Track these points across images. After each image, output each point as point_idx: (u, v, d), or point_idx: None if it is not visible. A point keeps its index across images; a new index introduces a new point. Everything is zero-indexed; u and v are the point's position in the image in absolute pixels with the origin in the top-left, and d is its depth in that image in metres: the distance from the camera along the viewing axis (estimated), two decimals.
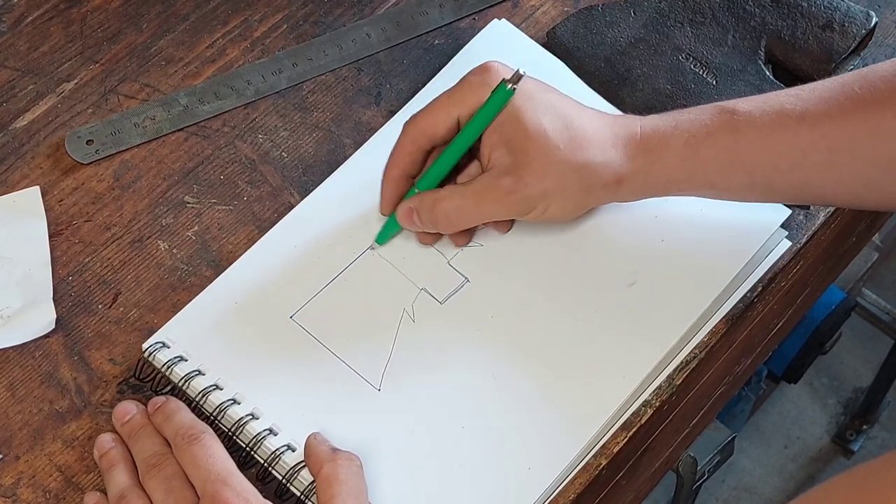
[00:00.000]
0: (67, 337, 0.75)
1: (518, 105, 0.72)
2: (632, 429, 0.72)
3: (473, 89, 0.73)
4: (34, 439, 0.72)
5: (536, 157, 0.71)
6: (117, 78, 0.85)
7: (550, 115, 0.72)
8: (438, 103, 0.74)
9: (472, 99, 0.72)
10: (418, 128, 0.74)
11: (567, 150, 0.71)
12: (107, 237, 0.79)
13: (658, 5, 0.85)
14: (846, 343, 1.52)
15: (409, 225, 0.75)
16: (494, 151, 0.72)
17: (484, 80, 0.72)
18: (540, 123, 0.71)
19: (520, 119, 0.71)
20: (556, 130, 0.71)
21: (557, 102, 0.73)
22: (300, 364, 0.73)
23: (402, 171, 0.75)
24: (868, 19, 0.83)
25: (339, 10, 0.89)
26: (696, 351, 0.75)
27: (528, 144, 0.71)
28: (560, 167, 0.71)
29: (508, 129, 0.72)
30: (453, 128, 0.73)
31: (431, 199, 0.74)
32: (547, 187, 0.71)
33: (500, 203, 0.72)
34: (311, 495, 0.68)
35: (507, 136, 0.72)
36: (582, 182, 0.71)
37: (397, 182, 0.75)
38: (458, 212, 0.73)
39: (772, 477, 1.64)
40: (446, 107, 0.73)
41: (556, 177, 0.71)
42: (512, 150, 0.71)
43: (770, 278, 0.77)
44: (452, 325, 0.74)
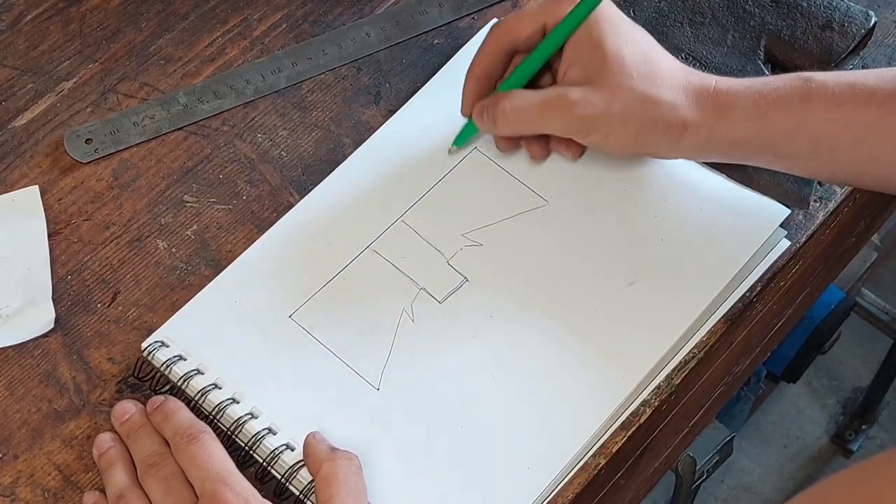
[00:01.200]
0: (66, 336, 0.75)
1: (602, 28, 0.73)
2: (631, 428, 0.72)
3: (563, 0, 0.74)
4: (33, 438, 0.72)
5: (608, 80, 0.72)
6: (116, 77, 0.85)
7: (631, 45, 0.73)
8: (527, 9, 0.76)
9: (560, 9, 0.74)
10: (503, 28, 0.76)
11: (639, 81, 0.72)
12: (106, 236, 0.79)
13: (657, 5, 0.85)
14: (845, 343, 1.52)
15: (481, 124, 0.77)
16: (571, 68, 0.74)
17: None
18: (620, 49, 0.72)
19: (601, 41, 0.73)
20: (634, 60, 0.72)
21: (640, 37, 0.74)
22: (299, 363, 0.73)
23: (484, 70, 0.77)
24: (867, 19, 0.83)
25: (339, 10, 0.89)
26: (696, 350, 0.75)
27: (604, 68, 0.72)
28: (629, 95, 0.72)
29: (588, 48, 0.73)
30: (537, 34, 0.75)
31: (498, 97, 0.75)
32: (612, 110, 0.72)
33: (563, 115, 0.74)
34: (310, 495, 0.68)
35: (585, 56, 0.73)
36: (647, 115, 0.72)
37: (478, 80, 0.77)
38: (520, 112, 0.75)
39: (771, 477, 1.64)
40: (534, 14, 0.75)
41: (622, 103, 0.72)
42: (587, 70, 0.73)
43: (769, 278, 0.77)
44: (452, 325, 0.74)
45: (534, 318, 0.74)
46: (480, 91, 0.77)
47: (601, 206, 0.78)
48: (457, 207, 0.78)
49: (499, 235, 0.77)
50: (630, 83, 0.72)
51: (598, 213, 0.78)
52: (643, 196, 0.78)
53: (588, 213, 0.78)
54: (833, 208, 0.80)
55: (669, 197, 0.78)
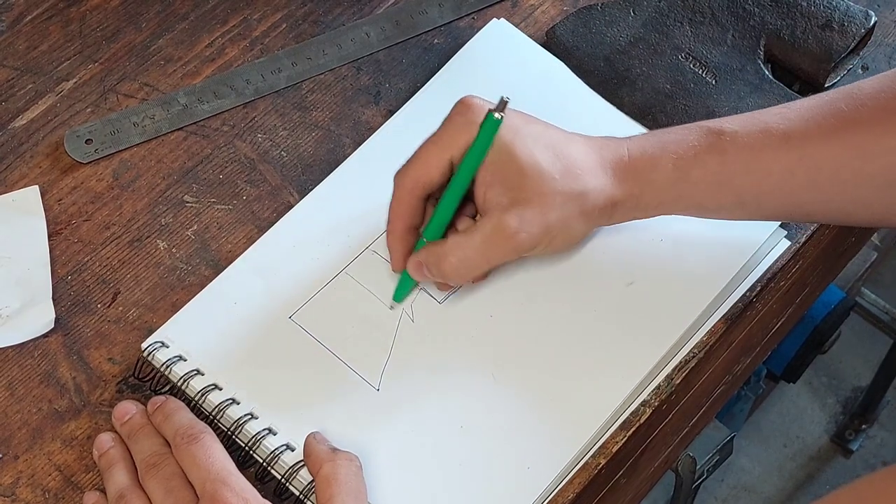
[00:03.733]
0: (66, 336, 0.75)
1: (507, 140, 0.70)
2: (631, 428, 0.72)
3: (460, 129, 0.71)
4: (33, 439, 0.72)
5: (534, 192, 0.69)
6: (116, 77, 0.85)
7: (540, 146, 0.70)
8: (426, 150, 0.72)
9: (461, 139, 0.71)
10: (411, 178, 0.72)
11: (562, 181, 0.70)
12: (106, 236, 0.79)
13: (657, 4, 0.85)
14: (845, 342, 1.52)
15: (422, 278, 0.73)
16: (489, 190, 0.71)
17: (469, 118, 0.71)
18: (532, 156, 0.70)
19: (511, 154, 0.70)
20: (549, 161, 0.70)
21: (544, 132, 0.72)
22: (299, 364, 0.73)
23: (405, 225, 0.73)
24: (867, 19, 0.83)
25: (339, 10, 0.89)
26: (695, 350, 0.75)
27: (523, 180, 0.70)
28: (560, 199, 0.70)
29: (501, 165, 0.70)
30: (447, 172, 0.72)
31: (437, 253, 0.72)
32: (550, 221, 0.70)
33: (506, 245, 0.71)
34: (310, 495, 0.68)
35: (500, 174, 0.70)
36: (581, 210, 0.70)
37: (402, 236, 0.73)
38: (466, 263, 0.71)
39: (771, 476, 1.64)
40: (436, 152, 0.71)
41: (557, 210, 0.70)
42: (508, 188, 0.70)
43: (769, 278, 0.77)
44: (451, 325, 0.74)
45: (534, 319, 0.74)
46: (408, 245, 0.73)
47: None
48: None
49: None
50: (554, 186, 0.69)
51: None
52: None
53: None
54: None
55: None
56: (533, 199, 0.70)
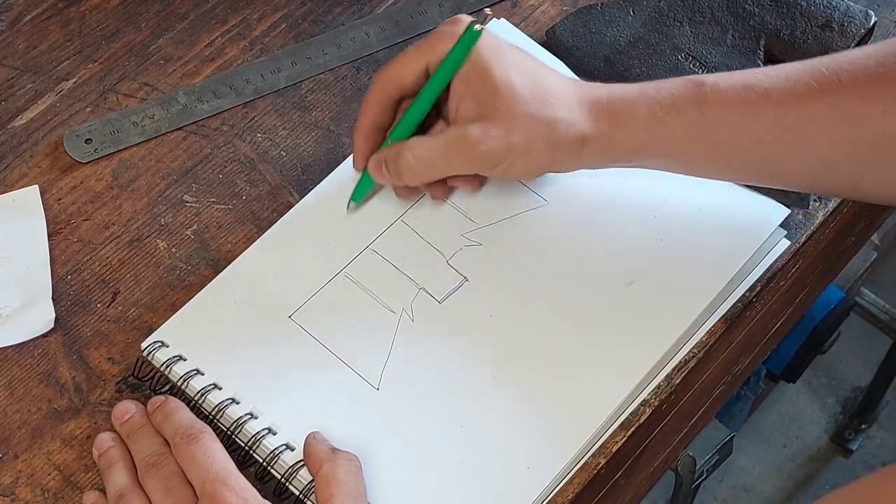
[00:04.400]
0: (66, 336, 0.75)
1: (486, 58, 0.71)
2: (630, 428, 0.72)
3: (442, 38, 0.73)
4: (33, 438, 0.72)
5: (504, 111, 0.71)
6: (116, 77, 0.85)
7: (518, 69, 0.72)
8: (407, 52, 0.74)
9: (440, 46, 0.72)
10: (386, 76, 0.74)
11: (534, 105, 0.71)
12: (105, 236, 0.79)
13: (657, 4, 0.85)
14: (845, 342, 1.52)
15: (379, 178, 0.75)
16: (462, 103, 0.72)
17: (453, 29, 0.73)
18: (508, 77, 0.71)
19: (488, 72, 0.71)
20: (524, 85, 0.71)
21: (525, 60, 0.73)
22: (299, 363, 0.73)
23: (373, 123, 0.75)
24: (867, 19, 0.83)
25: (339, 9, 0.89)
26: (695, 350, 0.75)
27: (495, 98, 0.71)
28: (526, 121, 0.71)
29: (476, 81, 0.72)
30: (421, 76, 0.73)
31: (396, 150, 0.73)
32: (513, 141, 0.71)
33: (466, 154, 0.72)
34: (309, 495, 0.68)
35: (474, 89, 0.72)
36: (548, 138, 0.71)
37: (368, 134, 0.75)
38: (424, 162, 0.73)
39: (770, 476, 1.64)
40: (415, 56, 0.73)
41: (522, 131, 0.71)
42: (479, 103, 0.71)
43: (769, 278, 0.77)
44: (451, 325, 0.74)
45: (533, 318, 0.74)
46: (372, 144, 0.75)
47: (601, 206, 0.78)
48: (456, 207, 0.78)
49: (499, 235, 0.77)
50: (525, 109, 0.71)
51: (598, 213, 0.78)
52: (643, 196, 0.78)
53: (588, 212, 0.78)
54: (833, 208, 0.80)
55: (669, 197, 0.78)
56: (501, 117, 0.71)
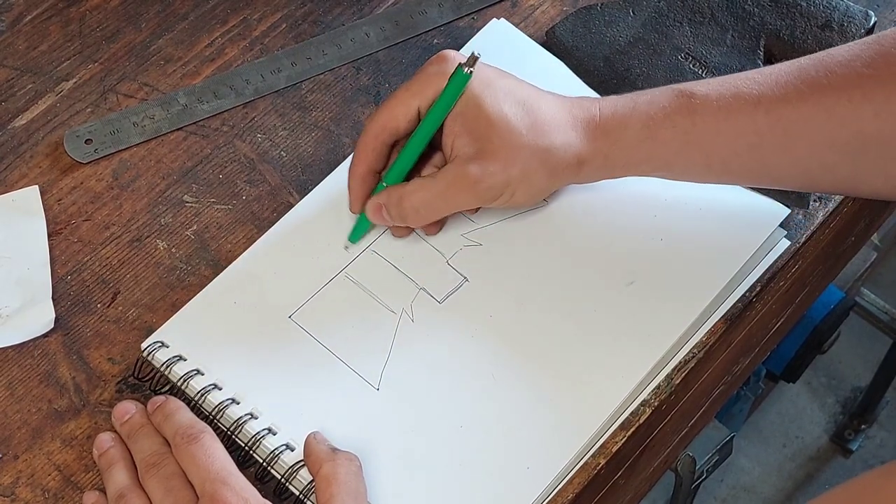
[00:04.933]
0: (66, 336, 0.75)
1: (477, 92, 0.72)
2: (630, 428, 0.72)
3: (431, 79, 0.73)
4: (33, 438, 0.72)
5: (500, 145, 0.71)
6: (116, 77, 0.85)
7: (510, 100, 0.72)
8: (396, 96, 0.74)
9: (430, 88, 0.73)
10: (379, 123, 0.74)
11: (529, 136, 0.71)
12: (105, 236, 0.79)
13: (657, 5, 0.85)
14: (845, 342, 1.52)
15: (379, 220, 0.75)
16: (457, 140, 0.73)
17: (441, 68, 0.73)
18: (501, 110, 0.71)
19: (480, 106, 0.72)
20: (518, 116, 0.71)
21: (516, 88, 0.73)
22: (299, 364, 0.73)
23: (368, 168, 0.75)
24: (867, 19, 0.83)
25: (339, 10, 0.89)
26: (695, 350, 0.75)
27: (490, 132, 0.71)
28: (524, 153, 0.71)
29: (470, 117, 0.72)
30: (414, 119, 0.73)
31: (398, 193, 0.74)
32: (512, 174, 0.72)
33: (467, 193, 0.73)
34: (310, 495, 0.68)
35: (469, 125, 0.72)
36: (545, 166, 0.72)
37: (364, 179, 0.75)
38: (426, 205, 0.73)
39: (770, 476, 1.64)
40: (405, 99, 0.73)
41: (520, 163, 0.71)
42: (475, 139, 0.72)
43: (769, 278, 0.77)
44: (451, 325, 0.74)
45: (533, 318, 0.74)
46: (367, 188, 0.75)
47: (601, 206, 0.78)
48: None
49: (499, 235, 0.77)
50: (521, 141, 0.71)
51: (598, 214, 0.78)
52: (643, 196, 0.78)
53: (588, 213, 0.78)
54: (832, 208, 0.80)
55: (669, 197, 0.78)
56: (498, 152, 0.71)
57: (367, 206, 0.75)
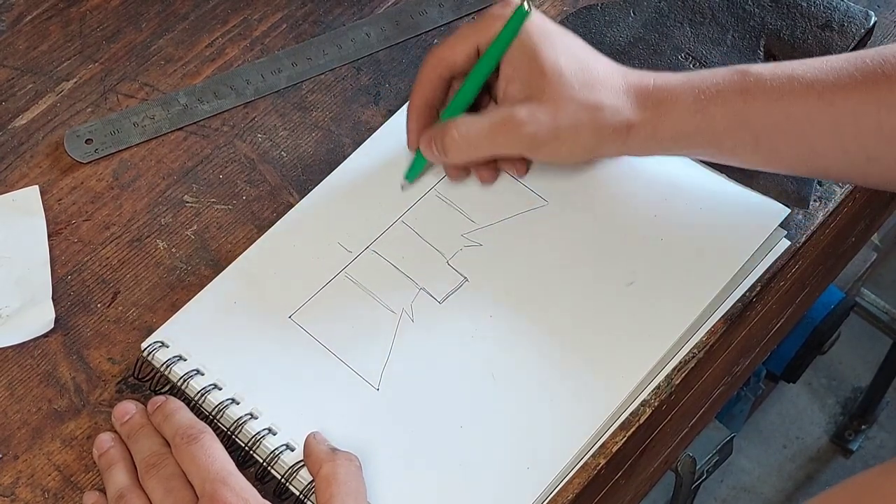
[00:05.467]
0: (66, 336, 0.75)
1: (536, 41, 0.73)
2: (630, 428, 0.72)
3: (493, 19, 0.74)
4: (33, 438, 0.72)
5: (551, 94, 0.72)
6: (116, 77, 0.85)
7: (567, 54, 0.73)
8: (458, 33, 0.75)
9: (490, 28, 0.74)
10: (437, 56, 0.75)
11: (581, 90, 0.72)
12: (106, 236, 0.79)
13: (657, 5, 0.85)
14: (845, 343, 1.52)
15: (430, 155, 0.76)
16: (510, 85, 0.74)
17: (503, 11, 0.74)
18: (556, 61, 0.72)
19: (537, 55, 0.72)
20: (572, 70, 0.72)
21: (574, 43, 0.74)
22: (299, 364, 0.73)
23: (425, 101, 0.76)
24: (867, 19, 0.83)
25: (339, 10, 0.89)
26: (695, 351, 0.75)
27: (543, 81, 0.72)
28: (573, 106, 0.72)
29: (525, 64, 0.73)
30: (472, 56, 0.75)
31: (444, 127, 0.75)
32: (559, 124, 0.72)
33: (512, 134, 0.73)
34: (310, 495, 0.68)
35: (523, 71, 0.73)
36: (593, 123, 0.72)
37: (420, 111, 0.77)
38: (469, 139, 0.74)
39: (770, 477, 1.64)
40: (465, 36, 0.75)
41: (569, 115, 0.72)
42: (527, 85, 0.73)
43: (769, 278, 0.77)
44: (451, 325, 0.74)
45: (533, 318, 0.74)
46: (424, 122, 0.77)
47: (601, 206, 0.78)
48: (457, 207, 0.78)
49: (499, 235, 0.77)
50: (572, 93, 0.72)
51: (598, 213, 0.78)
52: (643, 196, 0.78)
53: (587, 213, 0.78)
54: (833, 208, 0.80)
55: (669, 197, 0.78)
56: (548, 100, 0.72)
57: (421, 140, 0.76)
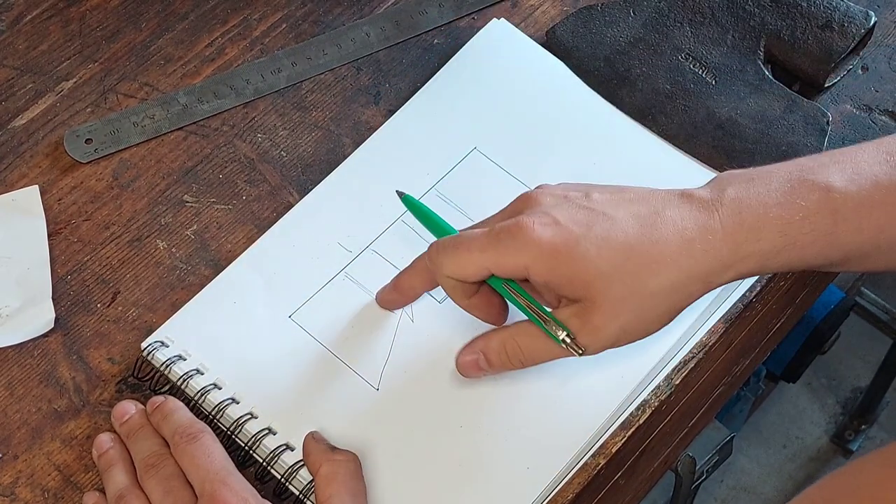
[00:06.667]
0: (66, 336, 0.75)
1: (565, 252, 0.64)
2: (630, 428, 0.72)
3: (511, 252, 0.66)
4: (33, 438, 0.72)
5: (603, 301, 0.64)
6: (116, 77, 0.85)
7: (605, 247, 0.64)
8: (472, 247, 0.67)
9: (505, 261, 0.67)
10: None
11: (633, 281, 0.64)
12: (105, 236, 0.79)
13: (657, 5, 0.85)
14: (845, 343, 1.52)
15: (476, 372, 0.70)
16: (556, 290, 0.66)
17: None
18: (594, 263, 0.64)
19: (571, 263, 0.64)
20: (616, 263, 0.64)
21: (609, 228, 0.65)
22: (299, 364, 0.73)
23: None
24: (867, 19, 0.83)
25: (339, 10, 0.89)
26: (695, 351, 0.75)
27: (590, 292, 0.65)
28: (634, 301, 0.64)
29: (559, 275, 0.65)
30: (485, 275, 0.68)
31: (507, 336, 0.68)
32: (625, 323, 0.65)
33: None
34: (309, 494, 0.68)
35: (560, 282, 0.65)
36: (667, 303, 0.65)
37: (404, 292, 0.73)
38: (531, 349, 0.68)
39: (770, 477, 1.64)
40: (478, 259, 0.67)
41: (631, 311, 0.65)
42: (572, 296, 0.66)
43: (769, 278, 0.77)
44: (451, 325, 0.74)
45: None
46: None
47: None
48: (457, 207, 0.78)
49: None
50: (624, 289, 0.64)
51: None
52: None
53: None
54: None
55: None
56: (603, 305, 0.65)
57: (460, 360, 0.71)
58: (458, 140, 0.81)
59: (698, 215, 0.65)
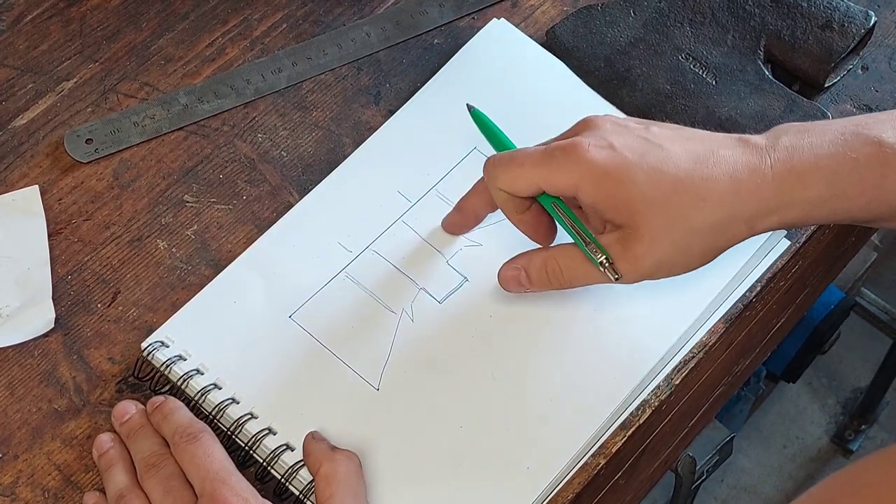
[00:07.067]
0: (66, 336, 0.75)
1: (615, 175, 0.65)
2: (630, 428, 0.72)
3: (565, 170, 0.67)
4: (33, 438, 0.72)
5: (645, 230, 0.65)
6: (116, 77, 0.85)
7: (654, 176, 0.65)
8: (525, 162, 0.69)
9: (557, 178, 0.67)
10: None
11: (677, 213, 0.65)
12: (106, 236, 0.79)
13: (658, 5, 0.85)
14: (845, 343, 1.52)
15: (516, 287, 0.71)
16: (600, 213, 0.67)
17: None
18: (641, 189, 0.65)
19: (620, 186, 0.65)
20: (663, 193, 0.65)
21: (662, 159, 0.66)
22: (299, 363, 0.73)
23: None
24: (867, 19, 0.83)
25: (339, 10, 0.89)
26: (695, 350, 0.75)
27: (633, 219, 0.65)
28: (675, 235, 0.65)
29: (606, 197, 0.66)
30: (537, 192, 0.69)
31: (549, 256, 0.69)
32: (663, 255, 0.66)
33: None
34: (309, 494, 0.68)
35: (606, 205, 0.66)
36: (709, 240, 0.66)
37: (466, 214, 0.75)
38: (570, 270, 0.69)
39: (771, 477, 1.64)
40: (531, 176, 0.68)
41: (671, 243, 0.66)
42: (616, 221, 0.66)
43: (769, 278, 0.77)
44: (451, 325, 0.74)
45: (533, 318, 0.74)
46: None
47: None
48: None
49: (499, 235, 0.77)
50: (669, 220, 0.65)
51: None
52: None
53: None
54: None
55: None
56: (644, 236, 0.66)
57: (500, 274, 0.72)
58: (458, 140, 0.81)
59: (751, 158, 0.66)
